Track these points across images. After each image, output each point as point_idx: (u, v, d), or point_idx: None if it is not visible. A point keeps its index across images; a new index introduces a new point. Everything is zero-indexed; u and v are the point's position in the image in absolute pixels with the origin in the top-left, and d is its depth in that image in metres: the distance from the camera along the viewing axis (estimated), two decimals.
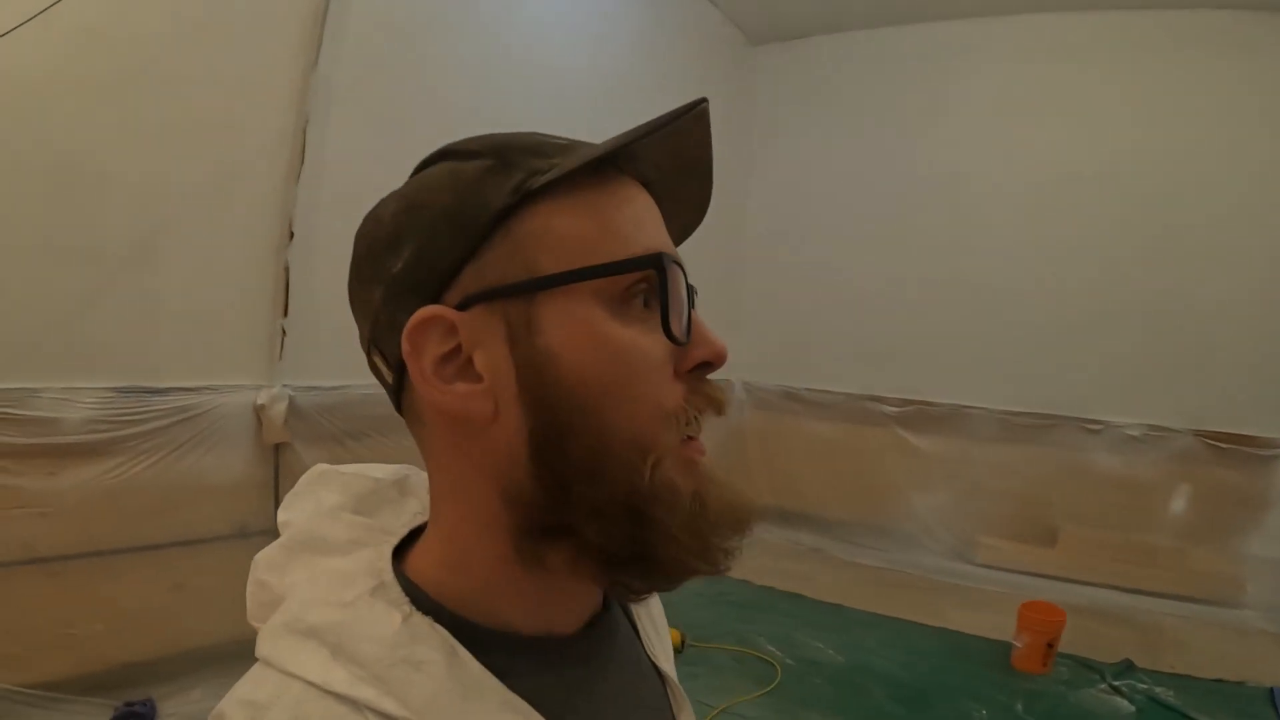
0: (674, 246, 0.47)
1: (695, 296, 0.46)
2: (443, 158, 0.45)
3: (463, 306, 0.41)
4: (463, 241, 0.41)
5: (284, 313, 2.62)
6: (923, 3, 4.62)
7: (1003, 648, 3.18)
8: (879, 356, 4.87)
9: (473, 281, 0.41)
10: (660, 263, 0.42)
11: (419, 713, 0.38)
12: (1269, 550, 3.86)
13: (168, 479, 2.36)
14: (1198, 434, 4.06)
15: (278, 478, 2.64)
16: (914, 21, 4.80)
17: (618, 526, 0.41)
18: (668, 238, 0.46)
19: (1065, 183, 4.38)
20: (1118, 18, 4.26)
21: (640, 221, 0.44)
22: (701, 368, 0.44)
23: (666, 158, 0.45)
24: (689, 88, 4.54)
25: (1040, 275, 4.44)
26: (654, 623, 0.59)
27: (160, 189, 2.33)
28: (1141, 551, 4.06)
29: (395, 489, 0.53)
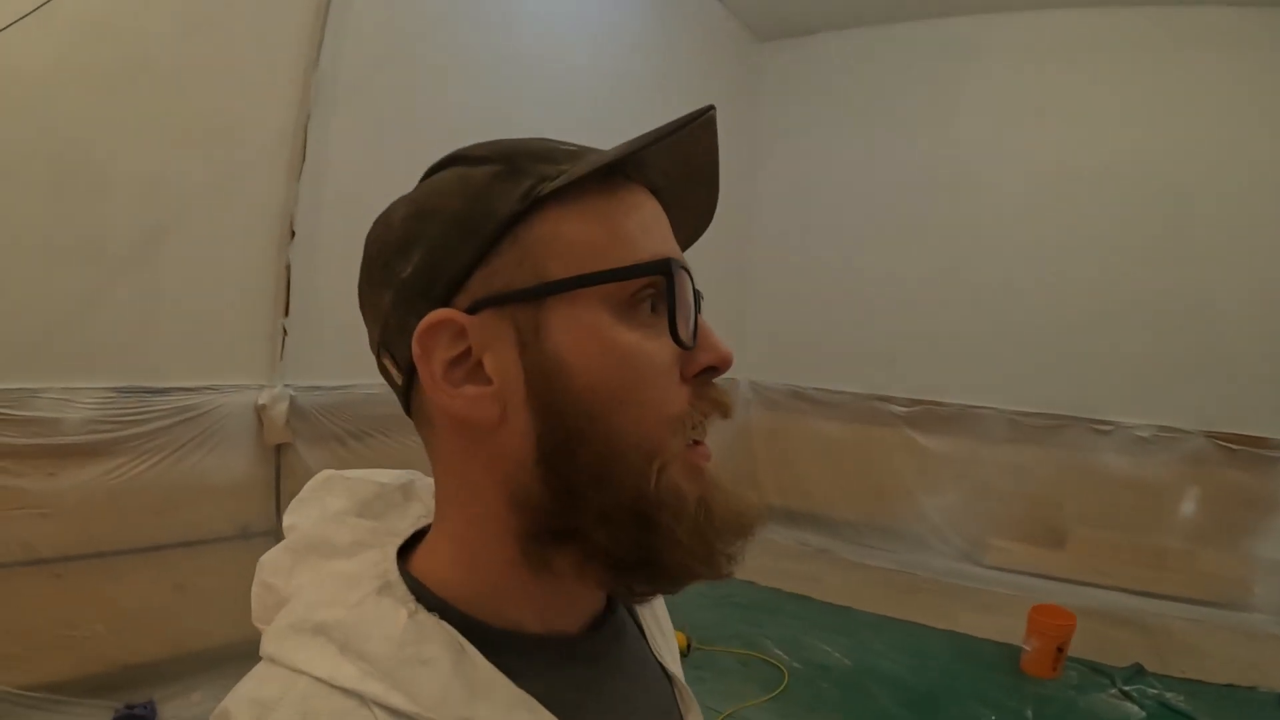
0: (681, 253, 0.48)
1: (701, 302, 0.46)
2: (452, 163, 0.46)
3: (472, 311, 0.42)
4: (472, 246, 0.42)
5: (285, 312, 2.61)
6: None
7: (1012, 651, 3.17)
8: (887, 356, 4.84)
9: (482, 286, 0.42)
10: (668, 268, 0.43)
11: (427, 708, 0.38)
12: None
13: (169, 479, 2.35)
14: (1208, 435, 4.02)
15: (279, 478, 2.63)
16: (921, 18, 4.76)
17: (625, 531, 0.41)
18: (675, 244, 0.47)
19: (1075, 181, 4.34)
20: (1127, 14, 4.22)
21: (648, 227, 0.45)
22: (707, 372, 0.45)
23: (674, 165, 0.46)
24: (695, 85, 4.56)
25: (1050, 274, 4.40)
26: (659, 624, 0.59)
27: (161, 187, 2.32)
28: (1151, 554, 4.04)
29: (400, 493, 0.54)
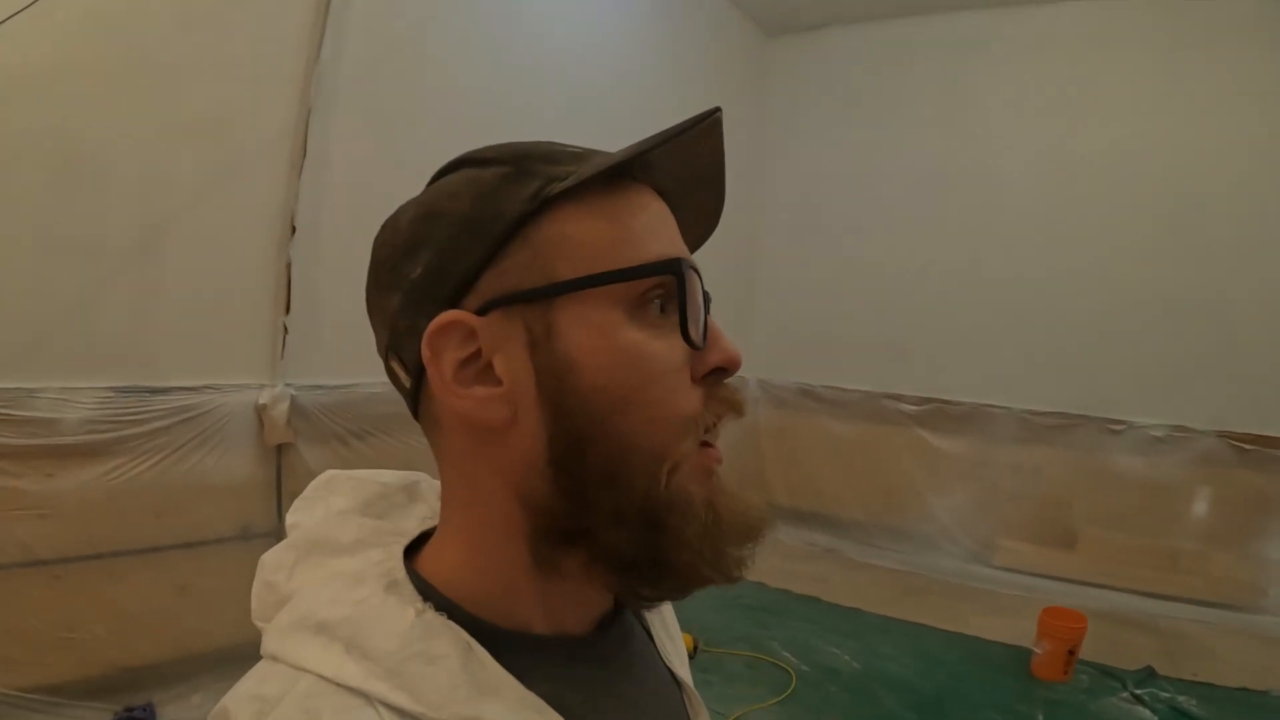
0: (689, 254, 0.47)
1: (710, 303, 0.46)
2: (460, 165, 0.46)
3: (482, 312, 0.42)
4: (481, 247, 0.42)
5: (286, 310, 2.58)
6: None
7: (1022, 654, 3.13)
8: (897, 354, 4.80)
9: (491, 287, 0.42)
10: (678, 268, 0.42)
11: (433, 707, 0.37)
12: None
13: (169, 480, 2.33)
14: (1221, 435, 3.97)
15: (280, 478, 2.61)
16: (932, 12, 4.71)
17: (634, 532, 0.41)
18: (682, 244, 0.47)
19: (1087, 177, 4.28)
20: (1141, 7, 4.15)
21: (656, 228, 0.45)
22: (716, 373, 0.44)
23: (681, 167, 0.46)
24: (702, 81, 4.52)
25: (1061, 272, 4.35)
26: (667, 628, 0.59)
27: (160, 183, 2.30)
28: (1163, 555, 3.99)
29: (404, 494, 0.54)
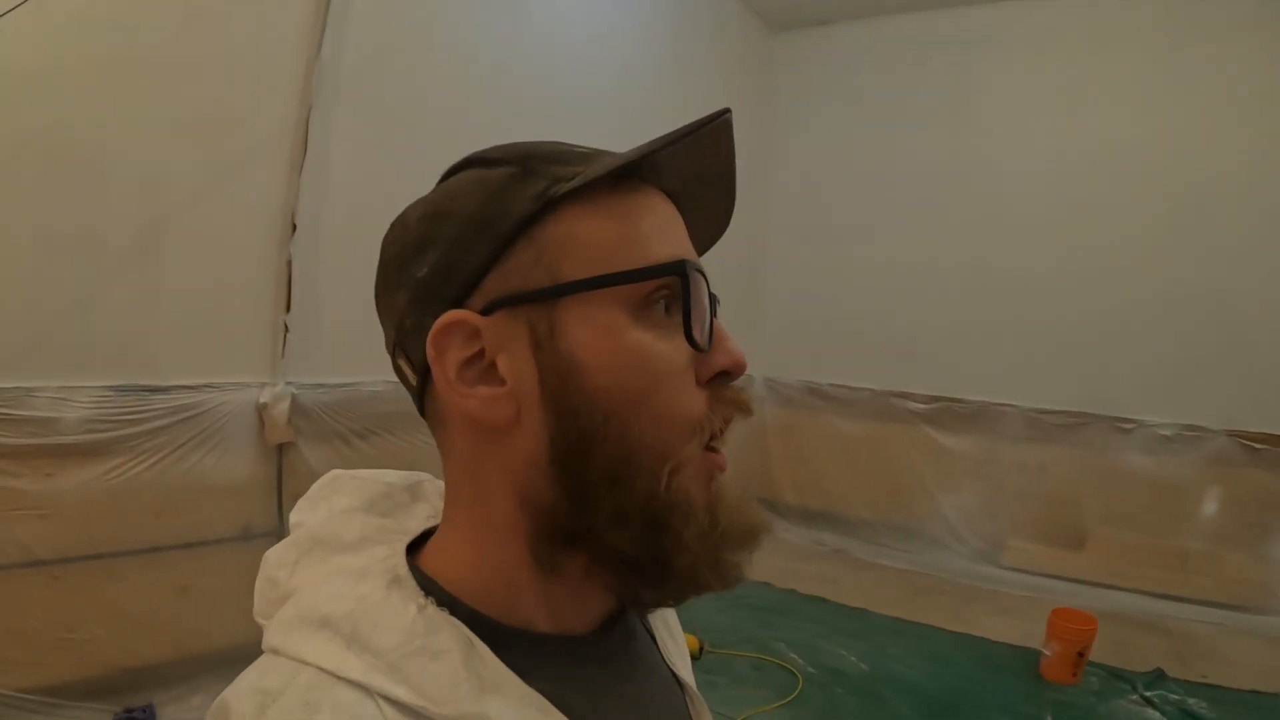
0: (696, 256, 0.47)
1: (718, 305, 0.46)
2: (468, 165, 0.46)
3: (486, 312, 0.42)
4: (487, 247, 0.42)
5: (287, 308, 2.56)
6: None
7: (1030, 655, 3.11)
8: (905, 352, 4.77)
9: (496, 287, 0.42)
10: (683, 270, 0.42)
11: (434, 702, 0.37)
12: None
13: (169, 480, 2.32)
14: (1232, 434, 3.93)
15: (281, 478, 2.60)
16: (938, 7, 4.68)
17: (636, 532, 0.41)
18: (690, 246, 0.47)
19: (1095, 174, 4.24)
20: (1148, 2, 4.10)
21: (663, 229, 0.45)
22: (721, 377, 0.44)
23: (689, 168, 0.46)
24: (707, 77, 4.49)
25: (1071, 270, 4.31)
26: (670, 630, 0.59)
27: (159, 181, 2.28)
28: (1173, 555, 3.95)
29: (408, 494, 0.54)
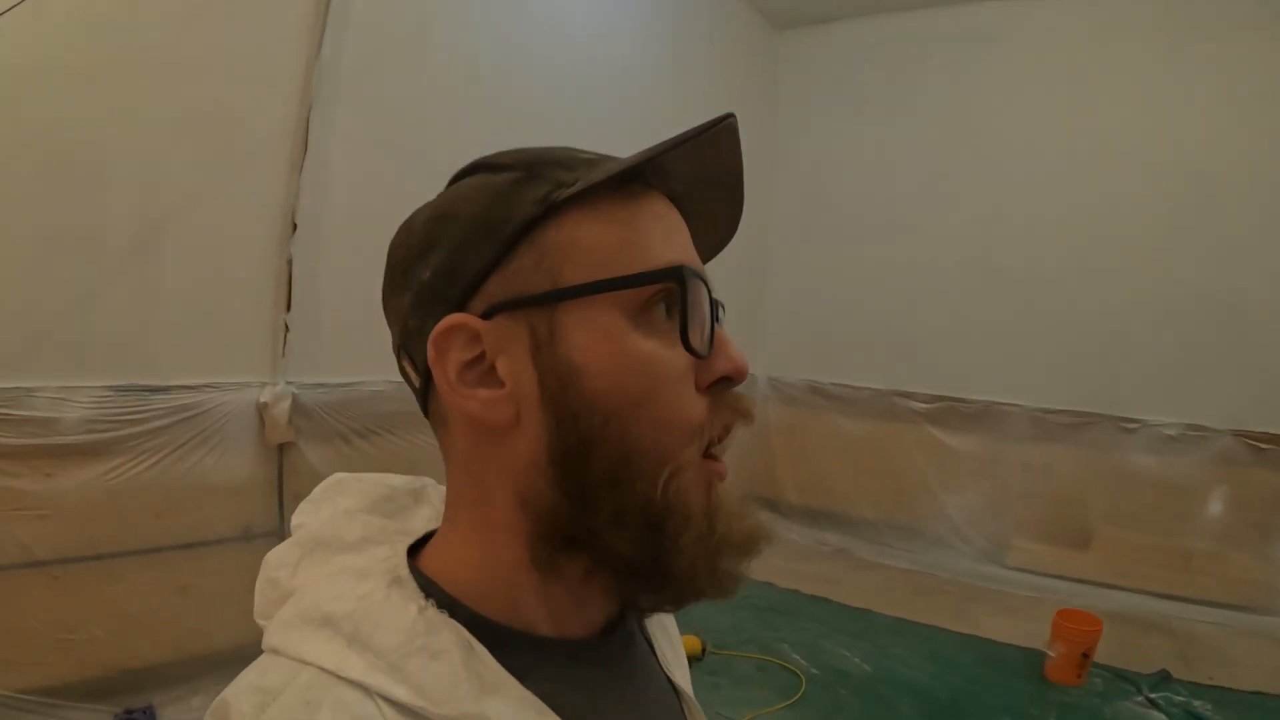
0: (700, 261, 0.47)
1: (722, 311, 0.46)
2: (476, 170, 0.46)
3: (487, 315, 0.42)
4: (489, 250, 0.42)
5: (287, 307, 2.55)
6: None
7: (1035, 656, 3.09)
8: (908, 351, 4.75)
9: (498, 290, 0.42)
10: (681, 275, 0.42)
11: (433, 702, 0.37)
12: None
13: (169, 480, 2.31)
14: (1237, 434, 3.90)
15: (282, 478, 2.59)
16: (942, 5, 4.65)
17: (636, 533, 0.42)
18: (693, 252, 0.47)
19: (1100, 172, 4.22)
20: (1151, 1, 4.08)
21: (664, 234, 0.45)
22: (722, 383, 0.44)
23: (694, 173, 0.46)
24: (710, 75, 4.47)
25: (1074, 269, 4.29)
26: (668, 637, 0.59)
27: (159, 180, 2.27)
28: (1178, 556, 3.93)
29: (410, 497, 0.54)
